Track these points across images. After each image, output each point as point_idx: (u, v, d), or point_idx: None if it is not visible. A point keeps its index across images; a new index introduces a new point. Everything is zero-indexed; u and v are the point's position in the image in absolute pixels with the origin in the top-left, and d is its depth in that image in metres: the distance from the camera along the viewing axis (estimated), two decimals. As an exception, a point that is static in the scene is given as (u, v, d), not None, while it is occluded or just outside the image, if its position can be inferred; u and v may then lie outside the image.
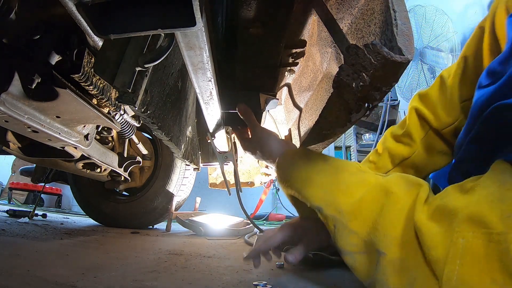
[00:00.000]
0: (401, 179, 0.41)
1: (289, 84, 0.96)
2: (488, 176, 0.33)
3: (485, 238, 0.27)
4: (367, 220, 0.39)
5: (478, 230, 0.28)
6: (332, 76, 0.52)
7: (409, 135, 0.66)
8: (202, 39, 0.38)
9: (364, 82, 0.39)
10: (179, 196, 1.86)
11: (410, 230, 0.34)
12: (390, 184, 0.41)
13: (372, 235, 0.38)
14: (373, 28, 0.42)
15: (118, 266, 0.70)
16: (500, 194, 0.29)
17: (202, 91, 0.56)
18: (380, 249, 0.36)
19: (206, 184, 1.84)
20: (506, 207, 0.28)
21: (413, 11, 2.66)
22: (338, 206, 0.43)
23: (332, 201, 0.44)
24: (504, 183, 0.30)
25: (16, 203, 3.61)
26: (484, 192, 0.30)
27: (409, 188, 0.39)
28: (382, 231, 0.37)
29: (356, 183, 0.44)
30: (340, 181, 0.46)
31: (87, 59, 0.69)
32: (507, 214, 0.27)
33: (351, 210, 0.41)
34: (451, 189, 0.35)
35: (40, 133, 0.80)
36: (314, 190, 0.47)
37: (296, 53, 0.76)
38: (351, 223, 0.41)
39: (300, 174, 0.51)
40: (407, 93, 2.87)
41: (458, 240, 0.28)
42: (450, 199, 0.33)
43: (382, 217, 0.38)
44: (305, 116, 0.78)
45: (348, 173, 0.47)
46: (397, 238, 0.35)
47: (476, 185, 0.32)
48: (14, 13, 0.61)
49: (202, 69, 0.46)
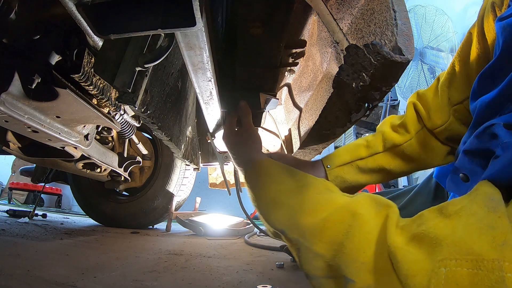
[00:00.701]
0: (369, 199, 0.39)
1: (289, 84, 0.96)
2: (474, 200, 0.30)
3: (471, 266, 0.25)
4: (332, 242, 0.37)
5: (462, 257, 0.26)
6: (332, 76, 0.52)
7: (405, 126, 0.65)
8: (202, 39, 0.38)
9: (364, 82, 0.39)
10: (179, 196, 1.86)
11: (382, 255, 0.32)
12: (357, 205, 0.38)
13: (338, 259, 0.35)
14: (373, 28, 0.42)
15: (118, 266, 0.70)
16: (490, 221, 0.27)
17: (202, 91, 0.56)
18: (348, 275, 0.33)
19: (206, 184, 1.84)
20: (498, 234, 0.26)
21: (413, 11, 2.66)
22: (301, 228, 0.41)
23: (295, 223, 0.42)
24: (495, 209, 0.28)
25: (16, 203, 3.61)
26: (472, 218, 0.28)
27: (378, 209, 0.37)
28: (350, 256, 0.34)
29: (321, 203, 0.42)
30: (305, 201, 0.44)
31: (87, 59, 0.69)
32: (501, 242, 0.25)
33: (314, 232, 0.39)
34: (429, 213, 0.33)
35: (40, 133, 0.79)
36: (278, 213, 0.45)
37: (296, 53, 0.76)
38: (315, 245, 0.38)
39: (266, 196, 0.49)
40: (407, 93, 2.87)
41: (440, 269, 0.26)
42: (430, 226, 0.30)
43: (349, 240, 0.35)
44: (305, 116, 0.78)
45: (315, 192, 0.44)
46: (366, 263, 0.32)
47: (461, 209, 0.30)
48: (14, 13, 0.61)
49: (202, 69, 0.46)
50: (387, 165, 0.63)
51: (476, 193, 0.31)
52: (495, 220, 0.27)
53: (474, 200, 0.30)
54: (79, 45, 0.69)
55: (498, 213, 0.27)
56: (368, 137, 0.69)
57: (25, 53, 0.66)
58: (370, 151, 0.64)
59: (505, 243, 0.25)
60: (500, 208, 0.28)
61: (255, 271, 0.69)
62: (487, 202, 0.29)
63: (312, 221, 0.40)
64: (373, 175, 0.64)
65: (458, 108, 0.57)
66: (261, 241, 1.28)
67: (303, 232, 0.40)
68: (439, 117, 0.60)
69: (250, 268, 0.72)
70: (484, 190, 0.31)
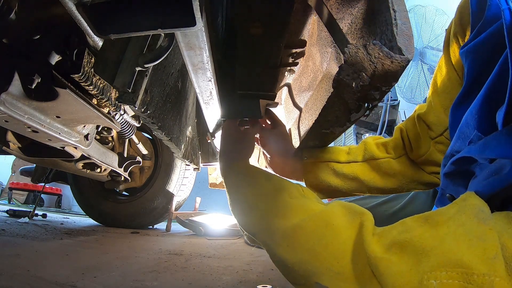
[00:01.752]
0: (342, 208, 0.39)
1: (289, 84, 0.96)
2: (462, 210, 0.30)
3: (462, 279, 0.24)
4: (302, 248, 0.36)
5: (452, 269, 0.25)
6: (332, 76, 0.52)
7: (386, 147, 0.65)
8: (202, 39, 0.38)
9: (364, 82, 0.39)
10: (179, 196, 1.86)
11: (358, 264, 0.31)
12: (330, 215, 0.38)
13: (310, 266, 0.35)
14: (373, 28, 0.42)
15: (118, 266, 0.70)
16: (480, 233, 0.26)
17: (202, 91, 0.56)
18: (322, 283, 0.33)
19: (206, 184, 1.84)
20: (489, 247, 0.25)
21: (413, 11, 2.66)
22: (271, 231, 0.40)
23: (266, 225, 0.42)
24: (485, 222, 0.27)
25: (16, 203, 3.61)
26: (461, 229, 0.27)
27: (352, 218, 0.36)
28: (324, 264, 0.33)
29: (295, 208, 0.41)
30: (278, 204, 0.43)
31: (87, 59, 0.69)
32: (492, 255, 0.24)
33: (284, 235, 0.38)
34: (413, 222, 0.32)
35: (40, 133, 0.80)
36: (251, 216, 0.45)
37: (296, 53, 0.76)
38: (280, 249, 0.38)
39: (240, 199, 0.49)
40: (407, 93, 2.87)
41: (430, 282, 0.25)
42: (415, 235, 0.29)
43: (323, 248, 0.34)
44: (305, 116, 0.78)
45: (289, 196, 0.44)
46: (341, 273, 0.32)
47: (449, 219, 0.29)
48: (14, 13, 0.61)
49: (202, 69, 0.46)
50: (362, 175, 0.63)
51: (464, 203, 0.31)
52: (485, 232, 0.26)
53: (462, 211, 0.30)
54: (79, 45, 0.69)
55: (489, 225, 0.27)
56: (352, 146, 0.70)
57: (25, 53, 0.66)
58: (349, 158, 0.65)
59: (497, 256, 0.24)
60: (490, 221, 0.27)
61: (255, 271, 0.69)
62: (477, 214, 0.28)
63: (283, 224, 0.40)
64: (346, 181, 0.64)
65: (439, 140, 0.56)
66: (261, 241, 1.28)
67: (272, 235, 0.40)
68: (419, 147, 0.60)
69: (250, 268, 0.72)
70: (472, 202, 0.30)
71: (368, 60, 0.36)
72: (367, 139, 0.68)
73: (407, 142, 0.63)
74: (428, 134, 0.58)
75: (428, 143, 0.58)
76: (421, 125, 0.59)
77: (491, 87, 0.35)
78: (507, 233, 0.26)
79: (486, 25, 0.39)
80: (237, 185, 0.51)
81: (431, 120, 0.56)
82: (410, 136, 0.62)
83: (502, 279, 0.23)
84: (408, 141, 0.63)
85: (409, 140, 0.63)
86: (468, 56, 0.41)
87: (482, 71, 0.39)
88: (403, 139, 0.64)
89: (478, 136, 0.36)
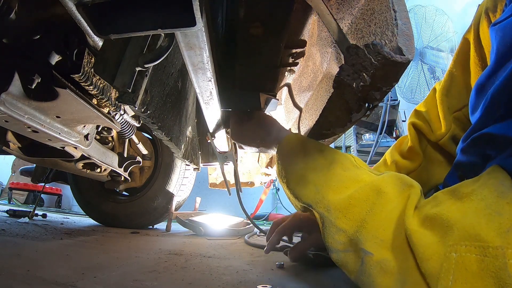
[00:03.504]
0: (395, 178, 0.41)
1: (289, 84, 0.96)
2: (485, 184, 0.31)
3: (479, 252, 0.26)
4: (355, 218, 0.38)
5: (471, 243, 0.27)
6: (332, 76, 0.52)
7: (412, 149, 0.67)
8: (202, 39, 0.38)
9: (365, 82, 0.39)
10: (179, 196, 1.86)
11: (400, 234, 0.33)
12: (383, 183, 0.40)
13: (359, 234, 0.37)
14: (373, 28, 0.42)
15: (118, 266, 0.70)
16: (498, 207, 0.28)
17: (202, 91, 0.56)
18: (367, 248, 0.35)
19: (206, 184, 1.84)
20: (505, 220, 0.26)
21: (413, 11, 2.66)
22: (327, 203, 0.43)
23: (321, 198, 0.44)
24: (504, 195, 0.29)
25: (16, 203, 3.61)
26: (482, 203, 0.29)
27: (402, 188, 0.38)
28: (371, 231, 0.36)
29: (347, 179, 0.44)
30: (331, 177, 0.45)
31: (87, 59, 0.69)
32: (506, 229, 0.26)
33: (339, 207, 0.41)
34: (443, 195, 0.34)
35: (40, 133, 0.79)
36: (306, 188, 0.47)
37: (296, 53, 0.76)
38: (339, 220, 0.40)
39: (295, 172, 0.51)
40: (407, 93, 2.87)
41: (451, 254, 0.27)
42: (443, 208, 0.32)
43: (371, 216, 0.37)
44: (305, 116, 0.78)
45: (341, 168, 0.46)
46: (385, 240, 0.34)
47: (472, 192, 0.31)
48: (14, 13, 0.61)
49: (202, 69, 0.46)
50: None
51: (488, 177, 0.32)
52: (503, 206, 0.28)
53: (485, 184, 0.31)
54: (79, 45, 0.69)
55: (507, 199, 0.28)
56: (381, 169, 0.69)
57: (25, 53, 0.66)
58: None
59: (510, 229, 0.26)
60: (509, 194, 0.28)
61: (255, 271, 0.69)
62: (497, 187, 0.30)
63: (338, 197, 0.42)
64: None
65: (457, 115, 0.57)
66: (261, 241, 1.28)
67: (329, 207, 0.42)
68: (440, 127, 0.61)
69: (250, 268, 0.72)
70: (495, 175, 0.32)
71: (369, 61, 0.36)
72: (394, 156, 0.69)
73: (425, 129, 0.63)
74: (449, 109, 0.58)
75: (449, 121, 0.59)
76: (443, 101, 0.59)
77: None
78: None
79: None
80: (290, 158, 0.53)
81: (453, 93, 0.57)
82: (431, 118, 0.63)
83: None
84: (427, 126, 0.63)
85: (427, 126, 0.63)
86: (498, 34, 0.41)
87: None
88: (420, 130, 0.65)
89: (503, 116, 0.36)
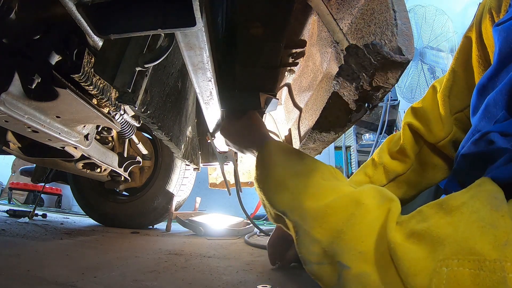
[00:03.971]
0: (374, 191, 0.39)
1: (289, 84, 0.96)
2: (476, 196, 0.30)
3: (473, 266, 0.25)
4: (332, 228, 0.36)
5: (465, 257, 0.25)
6: (332, 76, 0.52)
7: (403, 151, 0.63)
8: (202, 39, 0.38)
9: (364, 82, 0.39)
10: (179, 196, 1.86)
11: (381, 247, 0.31)
12: (362, 195, 0.38)
13: (335, 245, 0.35)
14: (373, 28, 0.42)
15: (118, 266, 0.70)
16: (492, 220, 0.26)
17: (202, 91, 0.56)
18: (343, 261, 0.33)
19: (206, 184, 1.84)
20: (501, 233, 0.25)
21: (413, 11, 2.66)
22: (302, 210, 0.40)
23: (297, 205, 0.42)
24: (498, 208, 0.27)
25: (16, 203, 3.61)
26: (474, 216, 0.28)
27: (382, 202, 0.36)
28: (348, 243, 0.34)
29: (326, 189, 0.42)
30: (310, 184, 0.43)
31: (87, 59, 0.69)
32: (503, 242, 0.25)
33: (315, 216, 0.39)
34: (429, 209, 0.32)
35: (40, 133, 0.79)
36: (283, 194, 0.45)
37: (296, 53, 0.76)
38: (313, 230, 0.38)
39: (273, 178, 0.48)
40: (407, 93, 2.87)
41: (442, 269, 0.26)
42: (432, 224, 0.30)
43: (349, 227, 0.35)
44: (305, 116, 0.78)
45: (321, 177, 0.44)
46: (365, 253, 0.32)
47: (462, 205, 0.29)
48: (14, 13, 0.61)
49: (202, 69, 0.46)
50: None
51: (478, 189, 0.31)
52: (498, 219, 0.26)
53: (476, 197, 0.30)
54: (79, 45, 0.69)
55: (501, 212, 0.27)
56: (368, 171, 0.67)
57: (25, 53, 0.66)
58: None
59: (508, 243, 0.24)
60: (503, 207, 0.27)
61: (255, 271, 0.69)
62: (490, 200, 0.28)
63: (314, 205, 0.40)
64: None
65: (459, 116, 0.55)
66: (261, 241, 1.28)
67: (304, 215, 0.40)
68: (441, 128, 0.58)
69: (250, 268, 0.72)
70: (487, 188, 0.30)
71: (368, 61, 0.36)
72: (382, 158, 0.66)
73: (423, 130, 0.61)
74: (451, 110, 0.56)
75: (450, 123, 0.56)
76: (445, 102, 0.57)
77: None
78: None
79: None
80: (269, 162, 0.51)
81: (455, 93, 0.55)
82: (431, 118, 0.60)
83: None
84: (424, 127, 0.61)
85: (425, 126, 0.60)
86: (501, 34, 0.40)
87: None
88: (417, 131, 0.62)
89: (506, 116, 0.36)
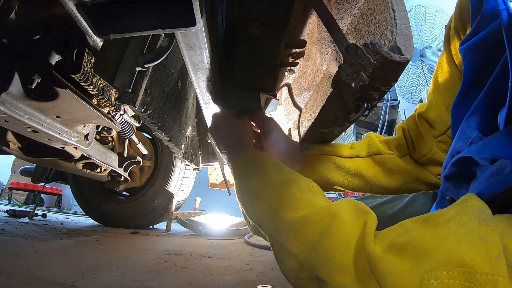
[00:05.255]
0: (350, 204, 0.38)
1: (289, 84, 0.96)
2: (463, 211, 0.29)
3: (464, 278, 0.24)
4: (308, 241, 0.35)
5: (454, 269, 0.24)
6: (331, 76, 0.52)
7: (388, 144, 0.63)
8: (202, 39, 0.38)
9: (363, 82, 0.39)
10: (179, 196, 1.86)
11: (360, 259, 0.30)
12: (338, 208, 0.37)
13: (312, 259, 0.33)
14: (373, 28, 0.42)
15: (118, 266, 0.70)
16: (481, 233, 0.26)
17: (202, 91, 0.56)
18: (321, 276, 0.32)
19: (206, 184, 1.84)
20: (492, 247, 0.24)
21: (413, 11, 2.66)
22: (278, 223, 0.39)
23: (272, 216, 0.40)
24: (487, 222, 0.27)
25: (16, 203, 3.61)
26: (462, 230, 0.27)
27: (358, 215, 0.36)
28: (325, 255, 0.33)
29: (302, 201, 0.41)
30: (286, 195, 0.42)
31: (87, 59, 0.70)
32: (495, 255, 0.24)
33: (290, 228, 0.37)
34: (412, 223, 0.31)
35: (40, 133, 0.80)
36: (258, 205, 0.44)
37: (296, 53, 0.76)
38: (289, 243, 0.36)
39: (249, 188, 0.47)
40: (407, 93, 2.87)
41: (431, 281, 0.25)
42: (415, 236, 0.29)
43: (326, 239, 0.33)
44: (305, 116, 0.78)
45: (298, 189, 0.43)
46: (343, 265, 0.31)
47: (449, 220, 0.29)
48: (14, 13, 0.61)
49: (202, 69, 0.46)
50: (366, 171, 0.61)
51: (465, 205, 0.30)
52: (487, 232, 0.26)
53: (463, 212, 0.29)
54: (79, 45, 0.69)
55: (490, 226, 0.26)
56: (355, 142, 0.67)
57: (25, 53, 0.66)
58: (353, 153, 0.62)
59: (499, 256, 0.24)
60: (491, 222, 0.27)
61: (255, 271, 0.69)
62: (478, 215, 0.28)
63: (289, 217, 0.39)
64: (348, 177, 0.61)
65: (442, 139, 0.55)
66: (261, 241, 1.28)
67: (279, 228, 0.39)
68: (421, 147, 0.58)
69: (250, 268, 0.72)
70: (473, 203, 0.30)
71: (368, 60, 0.36)
72: (370, 134, 0.66)
73: (409, 142, 0.61)
74: (430, 132, 0.56)
75: (431, 143, 0.56)
76: (422, 124, 0.57)
77: (492, 88, 0.35)
78: (508, 235, 0.25)
79: (484, 22, 0.38)
80: (245, 173, 0.50)
81: (433, 118, 0.55)
82: (412, 135, 0.60)
83: (505, 279, 0.23)
84: (411, 140, 0.61)
85: (411, 140, 0.61)
86: (466, 54, 0.41)
87: (481, 70, 0.39)
88: (406, 138, 0.62)
89: (479, 137, 0.36)
